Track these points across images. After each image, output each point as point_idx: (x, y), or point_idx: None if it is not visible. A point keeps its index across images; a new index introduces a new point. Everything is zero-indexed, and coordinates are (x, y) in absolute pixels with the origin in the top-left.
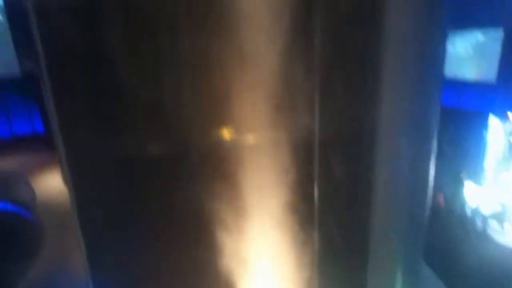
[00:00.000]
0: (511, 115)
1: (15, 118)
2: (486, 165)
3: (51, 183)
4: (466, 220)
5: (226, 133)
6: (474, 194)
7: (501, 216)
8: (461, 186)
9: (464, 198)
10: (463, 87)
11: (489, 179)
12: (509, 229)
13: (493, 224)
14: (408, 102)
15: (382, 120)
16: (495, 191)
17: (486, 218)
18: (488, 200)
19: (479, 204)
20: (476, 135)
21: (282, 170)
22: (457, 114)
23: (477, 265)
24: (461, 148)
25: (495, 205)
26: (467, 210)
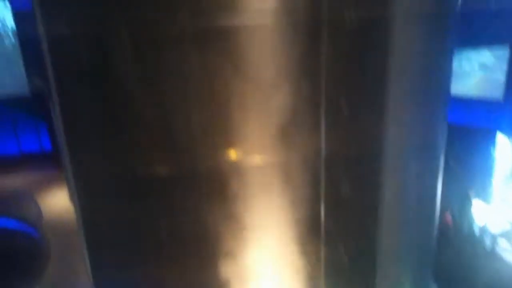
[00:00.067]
0: None
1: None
2: (494, 182)
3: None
4: (474, 238)
5: (233, 154)
6: (483, 212)
7: (510, 234)
8: (469, 204)
9: (472, 217)
10: (470, 104)
11: (498, 197)
12: None
13: (502, 243)
14: (414, 121)
15: (388, 138)
16: (504, 209)
17: (495, 237)
18: (496, 218)
19: (488, 223)
20: (484, 153)
21: (289, 189)
22: (465, 132)
23: (486, 284)
24: (469, 166)
25: (504, 224)
26: (476, 229)
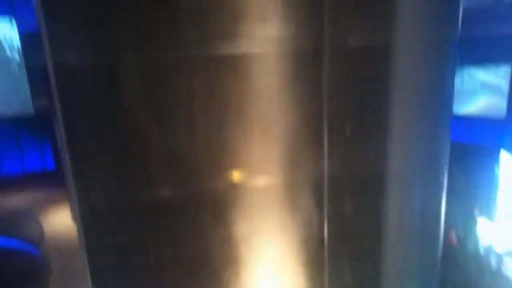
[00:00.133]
0: None
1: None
2: (499, 201)
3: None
4: (479, 258)
5: (237, 176)
6: (488, 231)
7: None
8: (474, 223)
9: (477, 235)
10: (473, 123)
11: (503, 215)
12: None
13: (508, 262)
14: (418, 140)
15: (392, 158)
16: (509, 226)
17: (500, 257)
18: (502, 236)
19: (493, 241)
20: (487, 170)
21: (293, 210)
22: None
23: None
24: (473, 184)
25: (510, 242)
26: (481, 248)
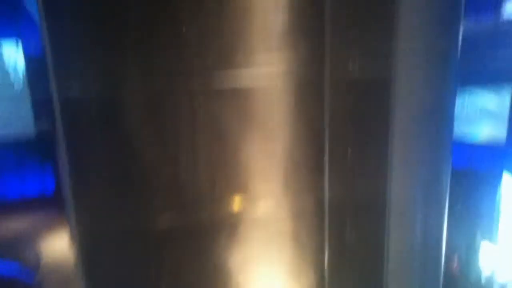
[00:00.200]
0: None
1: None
2: (501, 226)
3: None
4: (482, 286)
5: (238, 203)
6: (490, 256)
7: None
8: (476, 250)
9: (479, 263)
10: (474, 148)
11: (505, 238)
12: None
13: None
14: (419, 165)
15: (393, 184)
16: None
17: (504, 286)
18: (504, 262)
19: (496, 268)
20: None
21: (293, 237)
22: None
23: None
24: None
25: None
26: (483, 275)
